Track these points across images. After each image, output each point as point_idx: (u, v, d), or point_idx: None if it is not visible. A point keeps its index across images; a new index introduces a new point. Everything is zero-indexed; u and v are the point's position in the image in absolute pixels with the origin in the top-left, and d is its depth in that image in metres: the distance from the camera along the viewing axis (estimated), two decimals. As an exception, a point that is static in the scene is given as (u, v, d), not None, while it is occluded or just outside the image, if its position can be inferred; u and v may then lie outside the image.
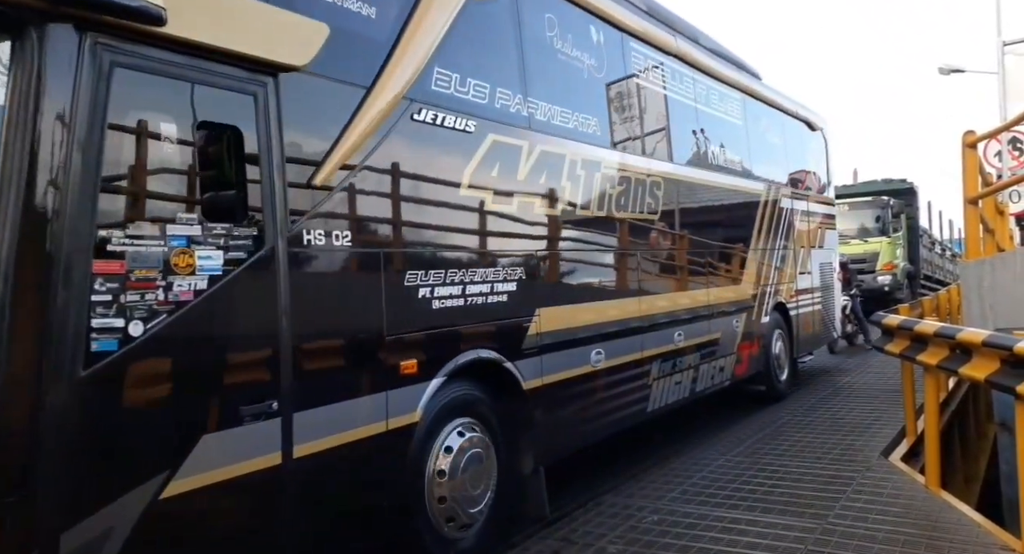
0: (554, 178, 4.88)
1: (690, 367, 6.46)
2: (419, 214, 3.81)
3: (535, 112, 4.73)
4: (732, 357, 7.33)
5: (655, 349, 5.87)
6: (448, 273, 3.92)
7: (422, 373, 3.68)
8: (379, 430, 3.43)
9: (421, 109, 3.80)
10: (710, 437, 6.73)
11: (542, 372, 4.57)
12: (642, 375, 5.72)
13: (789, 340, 8.81)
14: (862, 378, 9.93)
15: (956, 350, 4.59)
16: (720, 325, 7.05)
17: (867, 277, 16.79)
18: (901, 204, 18.32)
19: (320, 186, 3.23)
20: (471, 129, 4.14)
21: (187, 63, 2.74)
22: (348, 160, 3.37)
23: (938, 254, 22.89)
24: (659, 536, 4.22)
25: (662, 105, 6.50)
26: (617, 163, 5.59)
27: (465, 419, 4.05)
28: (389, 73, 3.60)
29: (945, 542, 3.96)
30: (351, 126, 3.39)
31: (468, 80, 4.17)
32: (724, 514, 4.54)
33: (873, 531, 4.14)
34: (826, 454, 5.89)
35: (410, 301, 3.66)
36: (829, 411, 7.70)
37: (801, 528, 4.23)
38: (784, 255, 8.77)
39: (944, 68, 19.70)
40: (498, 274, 4.30)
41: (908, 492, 4.85)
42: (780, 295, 8.55)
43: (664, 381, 6.02)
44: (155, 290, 2.58)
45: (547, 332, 4.64)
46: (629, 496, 4.99)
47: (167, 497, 2.57)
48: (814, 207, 10.04)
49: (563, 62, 5.13)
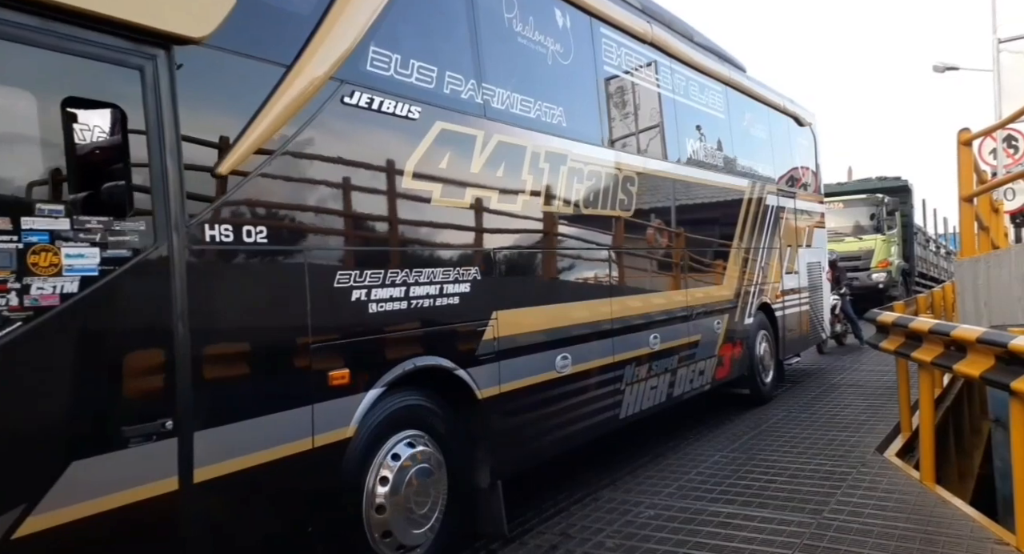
0: (514, 171, 4.50)
1: (667, 371, 6.08)
2: (352, 207, 3.42)
3: (491, 99, 4.34)
4: (713, 360, 6.94)
5: (628, 353, 5.49)
6: (388, 273, 3.53)
7: (356, 384, 3.29)
8: (303, 448, 3.04)
9: (354, 92, 3.41)
10: (706, 433, 6.71)
11: (500, 380, 4.19)
12: (614, 380, 5.33)
13: (775, 341, 8.43)
14: (855, 376, 9.74)
15: (951, 347, 4.56)
16: (700, 327, 6.66)
17: (862, 274, 16.86)
18: (896, 202, 18.19)
19: (227, 175, 2.83)
20: (415, 115, 3.75)
21: (52, 30, 2.35)
22: (263, 145, 2.98)
23: (932, 251, 22.85)
24: (656, 531, 4.19)
25: (636, 96, 6.12)
26: (585, 157, 5.20)
27: (412, 432, 3.66)
28: (314, 50, 3.21)
29: (940, 537, 3.93)
30: (267, 107, 3.00)
31: (411, 62, 3.78)
32: (720, 509, 4.51)
33: (868, 526, 4.11)
34: (822, 450, 5.84)
35: (341, 305, 3.27)
36: (824, 408, 7.62)
37: (797, 523, 4.21)
38: (769, 254, 8.37)
39: (939, 66, 19.50)
40: (448, 274, 3.91)
41: (903, 487, 4.80)
42: (765, 295, 8.16)
43: (638, 386, 5.64)
44: (5, 294, 2.18)
45: (506, 337, 4.25)
46: (626, 491, 4.97)
47: (22, 536, 2.18)
48: (802, 205, 9.65)
49: (524, 47, 4.74)
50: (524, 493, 4.92)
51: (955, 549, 3.78)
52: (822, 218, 10.69)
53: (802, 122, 10.04)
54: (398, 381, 3.54)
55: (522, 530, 4.33)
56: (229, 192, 2.84)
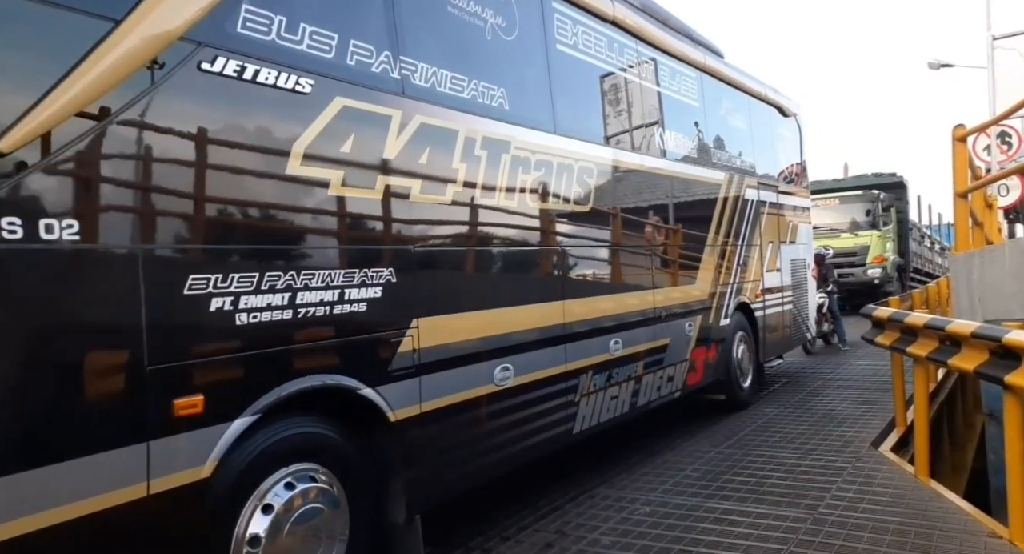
0: (442, 157, 3.86)
1: (630, 379, 5.43)
2: (210, 194, 2.77)
3: (412, 75, 3.70)
4: (684, 365, 6.29)
5: (585, 360, 4.85)
6: (267, 277, 2.88)
7: (214, 412, 2.64)
8: (134, 495, 2.39)
9: (216, 57, 2.76)
10: (702, 430, 6.55)
11: (420, 398, 3.55)
12: (567, 391, 4.69)
13: (755, 344, 7.74)
14: (848, 371, 9.41)
15: (946, 342, 4.53)
16: (669, 330, 6.00)
17: (857, 270, 16.74)
18: (891, 198, 17.92)
19: (12, 152, 2.17)
20: (306, 89, 3.11)
21: None
22: (77, 115, 2.32)
23: (927, 247, 22.59)
24: (651, 527, 4.11)
25: (596, 79, 5.47)
26: (533, 144, 4.55)
27: (303, 465, 3.01)
28: (154, 4, 2.55)
29: (935, 530, 3.89)
30: (85, 70, 2.34)
31: (302, 26, 3.13)
32: (716, 505, 4.43)
33: (863, 520, 4.07)
34: (817, 446, 5.75)
35: (194, 316, 2.62)
36: (819, 403, 7.46)
37: (792, 518, 4.15)
38: (749, 251, 7.69)
39: (934, 63, 19.05)
40: (353, 277, 3.26)
41: (898, 481, 4.76)
42: (744, 295, 7.49)
43: (596, 397, 5.00)
44: None
45: (429, 348, 3.61)
46: (621, 488, 4.87)
47: None
48: (786, 199, 8.97)
49: (455, 17, 4.09)
50: (517, 491, 4.84)
51: (949, 542, 3.72)
52: (808, 213, 10.03)
53: (786, 113, 9.35)
54: (279, 406, 2.89)
55: (517, 528, 4.21)
56: (18, 176, 2.18)
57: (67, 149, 2.30)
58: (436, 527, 4.22)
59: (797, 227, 9.32)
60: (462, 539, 4.12)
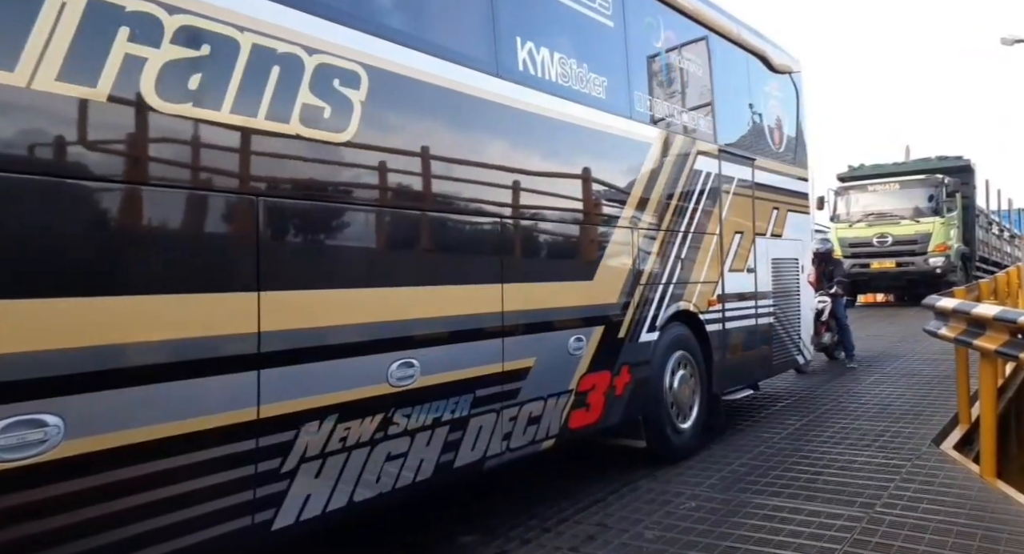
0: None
1: (438, 423, 3.24)
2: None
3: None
4: (564, 398, 4.06)
5: (307, 398, 2.67)
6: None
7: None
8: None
9: None
10: (751, 423, 6.09)
11: None
12: (251, 456, 2.48)
13: (707, 368, 5.43)
14: (907, 365, 8.54)
15: (1018, 334, 4.25)
16: (535, 345, 3.84)
17: (918, 259, 15.67)
18: (956, 182, 16.47)
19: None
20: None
21: None
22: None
23: (995, 235, 20.88)
24: (697, 523, 3.85)
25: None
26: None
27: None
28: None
29: (1002, 534, 3.55)
30: None
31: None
32: (765, 501, 4.13)
33: (924, 521, 3.74)
34: (873, 441, 5.35)
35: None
36: (875, 398, 6.92)
37: (847, 517, 3.83)
38: (698, 242, 5.41)
39: (1007, 38, 17.58)
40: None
41: (962, 482, 4.39)
42: (687, 301, 5.20)
43: (339, 461, 2.80)
44: None
45: None
46: (666, 482, 4.59)
47: None
48: (767, 178, 6.52)
49: None
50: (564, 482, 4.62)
51: (1019, 548, 3.38)
52: (804, 199, 7.42)
53: (775, 67, 6.83)
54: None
55: (558, 519, 3.98)
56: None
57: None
58: (475, 517, 4.10)
59: (784, 216, 6.82)
60: (503, 529, 3.87)
